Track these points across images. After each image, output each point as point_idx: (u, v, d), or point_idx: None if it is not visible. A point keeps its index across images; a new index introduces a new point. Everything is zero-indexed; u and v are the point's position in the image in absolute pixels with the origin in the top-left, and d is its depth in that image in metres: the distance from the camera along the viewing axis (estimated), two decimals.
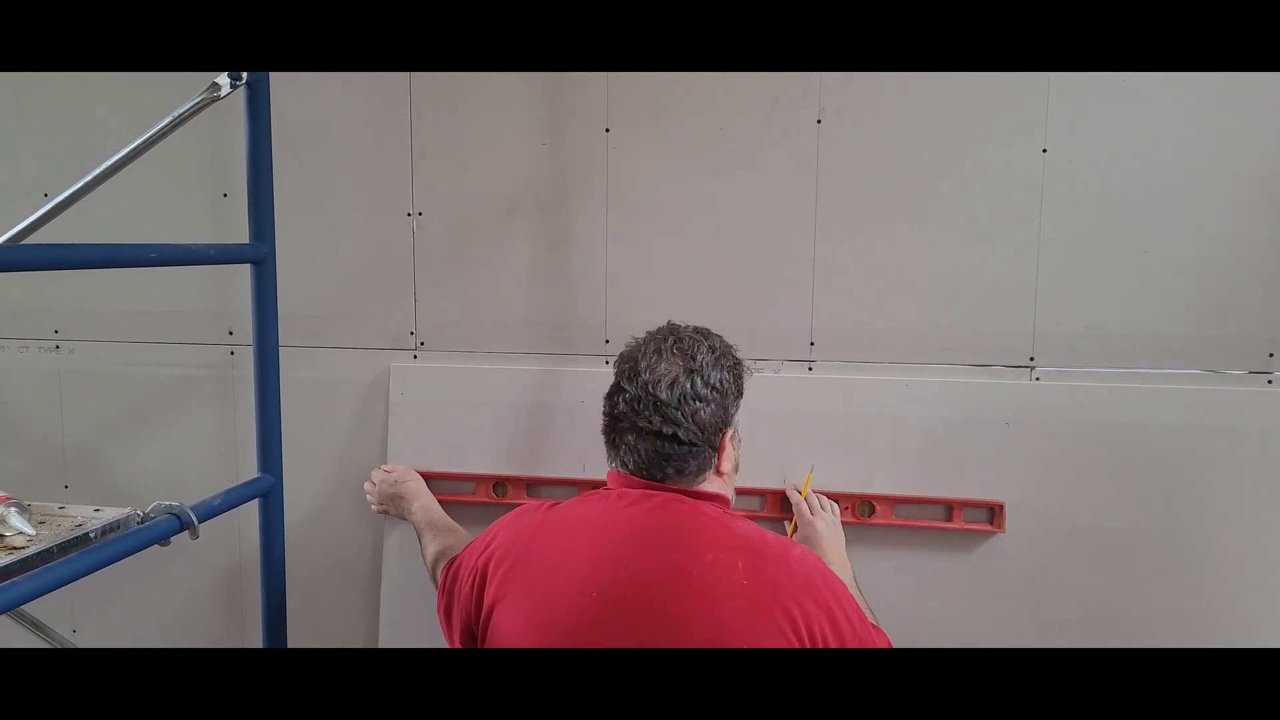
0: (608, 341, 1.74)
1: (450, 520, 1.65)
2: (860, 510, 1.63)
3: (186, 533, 1.34)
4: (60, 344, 1.93)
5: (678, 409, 1.23)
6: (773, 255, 1.67)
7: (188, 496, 1.38)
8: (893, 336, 1.65)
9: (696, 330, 1.35)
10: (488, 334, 1.78)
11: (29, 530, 1.27)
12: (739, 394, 1.32)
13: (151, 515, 1.34)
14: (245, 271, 1.49)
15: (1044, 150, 1.57)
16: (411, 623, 1.78)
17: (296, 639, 1.62)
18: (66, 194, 1.40)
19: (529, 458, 1.74)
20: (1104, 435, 1.58)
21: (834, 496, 1.63)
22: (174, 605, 1.94)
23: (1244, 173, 1.53)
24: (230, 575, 1.92)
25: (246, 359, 1.61)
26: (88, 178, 1.40)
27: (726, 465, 1.29)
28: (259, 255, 1.47)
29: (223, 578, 1.92)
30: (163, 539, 1.31)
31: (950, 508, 1.61)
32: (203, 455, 1.89)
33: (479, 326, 1.78)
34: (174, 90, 1.44)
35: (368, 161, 1.78)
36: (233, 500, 1.44)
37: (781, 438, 1.64)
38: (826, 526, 1.56)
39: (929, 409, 1.62)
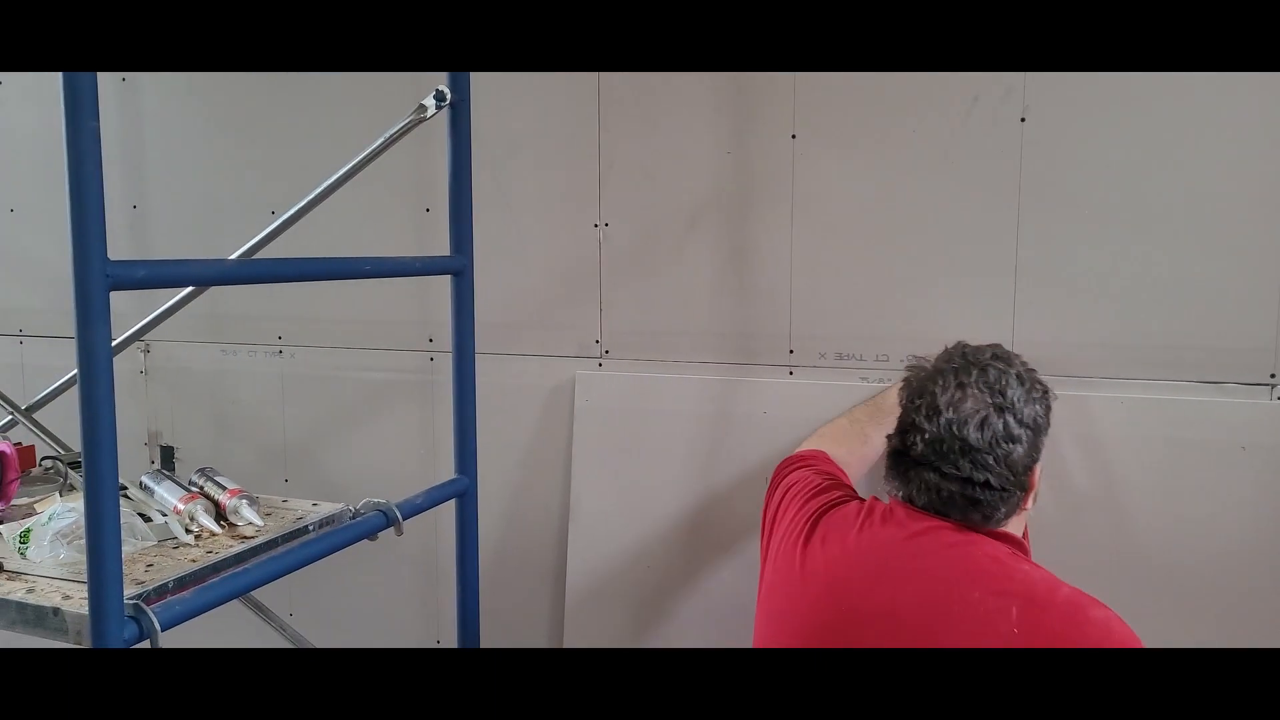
0: (791, 351, 1.71)
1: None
2: None
3: (392, 528, 1.42)
4: (283, 349, 2.11)
5: (989, 453, 1.12)
6: (969, 262, 1.58)
7: (387, 493, 1.47)
8: (1105, 349, 1.52)
9: (995, 354, 1.21)
10: (671, 343, 1.79)
11: (258, 521, 1.39)
12: (1048, 425, 1.21)
13: (362, 511, 1.44)
14: (444, 282, 1.57)
15: None
16: (595, 623, 1.82)
17: (486, 636, 1.69)
18: (292, 211, 1.53)
19: (709, 467, 1.73)
20: None
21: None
22: (372, 593, 2.07)
23: None
24: (421, 568, 2.03)
25: (445, 365, 1.69)
26: (311, 195, 1.52)
27: (1030, 501, 1.19)
28: (459, 266, 1.55)
29: (415, 570, 2.03)
30: (371, 534, 1.40)
31: None
32: (403, 455, 2.01)
33: (662, 335, 1.79)
34: (381, 113, 1.54)
35: (558, 175, 1.83)
36: (433, 499, 1.52)
37: None
38: None
39: (1151, 429, 1.48)
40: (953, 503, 1.14)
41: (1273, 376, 1.45)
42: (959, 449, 1.12)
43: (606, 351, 1.84)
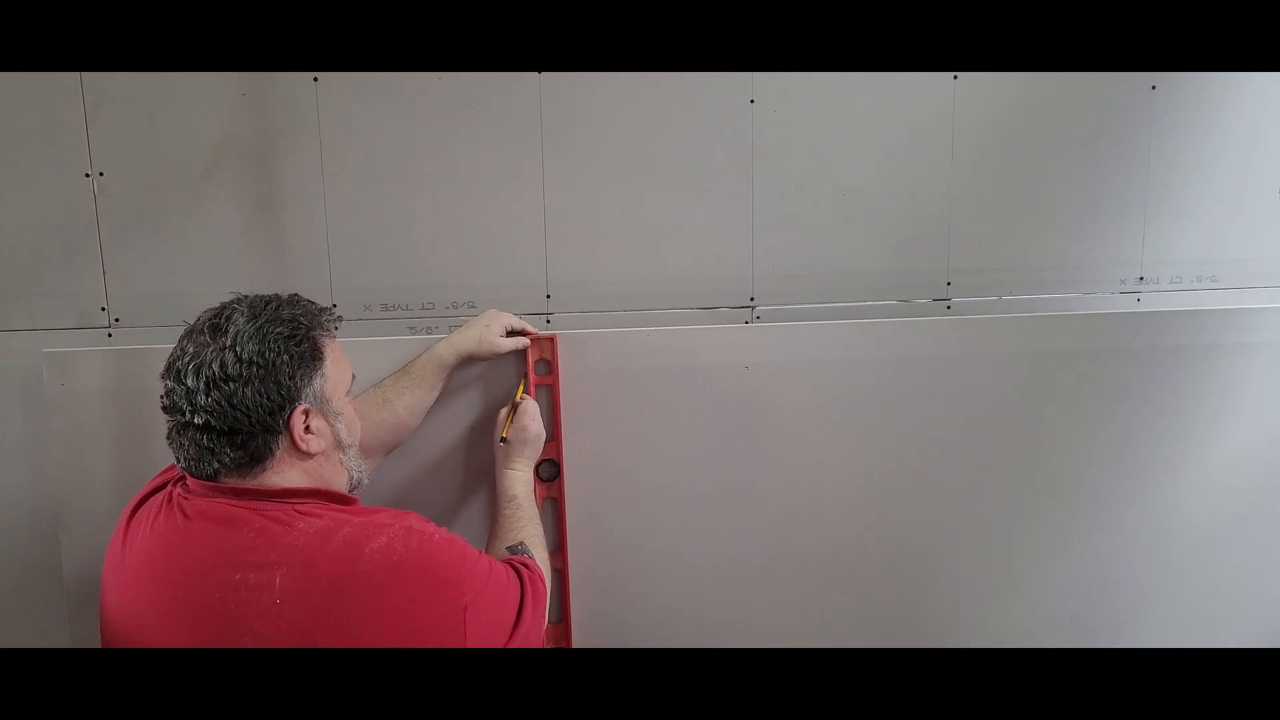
0: (334, 305, 1.63)
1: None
2: None
3: None
4: None
5: (207, 394, 1.04)
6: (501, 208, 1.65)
7: None
8: (628, 285, 1.69)
9: (244, 299, 1.15)
10: (197, 305, 1.60)
11: None
12: (295, 363, 1.09)
13: None
14: None
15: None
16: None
17: None
18: None
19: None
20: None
21: None
22: None
23: None
24: None
25: None
26: None
27: (313, 445, 1.09)
28: None
29: None
30: None
31: None
32: None
33: (181, 297, 1.60)
34: None
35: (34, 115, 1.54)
36: None
37: None
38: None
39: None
40: (203, 457, 1.04)
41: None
42: (183, 394, 1.03)
43: (116, 320, 1.60)
